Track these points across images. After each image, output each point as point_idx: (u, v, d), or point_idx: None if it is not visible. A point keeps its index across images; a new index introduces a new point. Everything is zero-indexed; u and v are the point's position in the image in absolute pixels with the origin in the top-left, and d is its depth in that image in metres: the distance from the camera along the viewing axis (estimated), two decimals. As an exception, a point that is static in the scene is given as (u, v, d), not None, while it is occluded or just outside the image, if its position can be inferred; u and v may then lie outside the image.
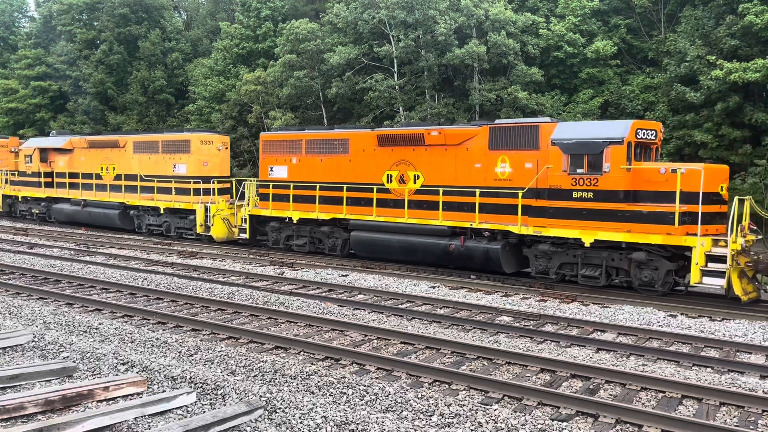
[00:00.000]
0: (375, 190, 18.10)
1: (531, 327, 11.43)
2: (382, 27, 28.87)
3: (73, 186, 27.48)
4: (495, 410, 7.08)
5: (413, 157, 17.65)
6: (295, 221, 19.81)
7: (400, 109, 28.94)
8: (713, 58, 23.53)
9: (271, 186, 20.47)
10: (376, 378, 8.51)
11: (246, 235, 21.31)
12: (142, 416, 6.46)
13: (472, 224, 16.23)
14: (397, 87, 28.74)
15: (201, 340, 10.10)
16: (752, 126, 23.69)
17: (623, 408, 7.32)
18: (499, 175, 16.03)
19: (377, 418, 6.63)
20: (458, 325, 11.64)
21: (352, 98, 30.63)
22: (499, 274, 16.26)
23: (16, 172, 30.62)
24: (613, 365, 9.01)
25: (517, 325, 11.58)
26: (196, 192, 22.50)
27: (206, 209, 22.19)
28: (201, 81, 37.43)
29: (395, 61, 28.99)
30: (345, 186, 18.70)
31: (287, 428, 6.33)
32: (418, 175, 17.54)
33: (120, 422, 6.27)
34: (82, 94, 43.32)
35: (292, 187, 19.86)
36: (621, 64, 28.90)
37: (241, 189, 21.77)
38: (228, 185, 23.73)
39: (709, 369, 9.23)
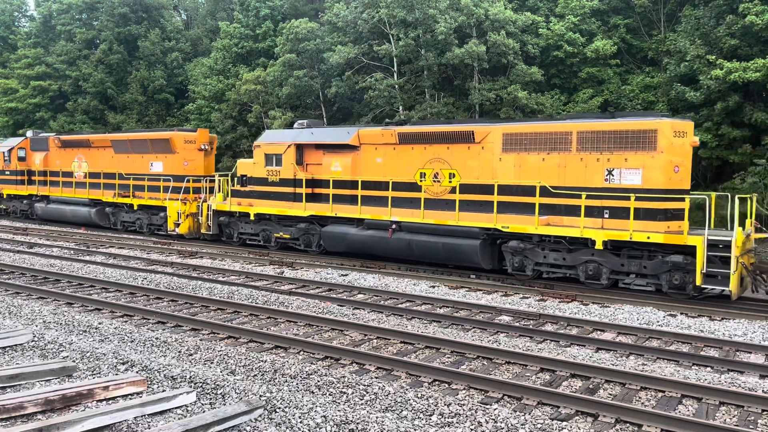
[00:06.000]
0: None
1: (531, 326, 11.43)
2: (381, 26, 28.86)
3: (370, 201, 18.12)
4: (495, 410, 7.08)
5: None
6: None
7: (400, 108, 28.94)
8: (713, 57, 23.52)
9: None
10: (376, 377, 8.51)
11: None
12: (141, 416, 6.46)
13: None
14: (396, 86, 28.73)
15: (201, 340, 10.11)
16: (752, 125, 23.67)
17: (623, 407, 7.32)
18: None
19: (377, 417, 6.63)
20: (458, 324, 11.64)
21: (351, 97, 30.62)
22: None
23: (240, 179, 21.18)
24: (612, 365, 9.01)
25: (517, 324, 11.58)
26: (670, 215, 14.06)
27: (714, 247, 13.21)
28: (201, 80, 37.42)
29: (395, 60, 28.97)
30: None
31: (287, 428, 6.33)
32: None
33: (120, 422, 6.27)
34: (82, 93, 43.30)
35: None
36: (621, 63, 28.87)
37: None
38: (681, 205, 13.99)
39: (708, 368, 9.24)
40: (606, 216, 14.63)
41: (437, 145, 17.25)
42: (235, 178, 21.54)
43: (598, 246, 14.36)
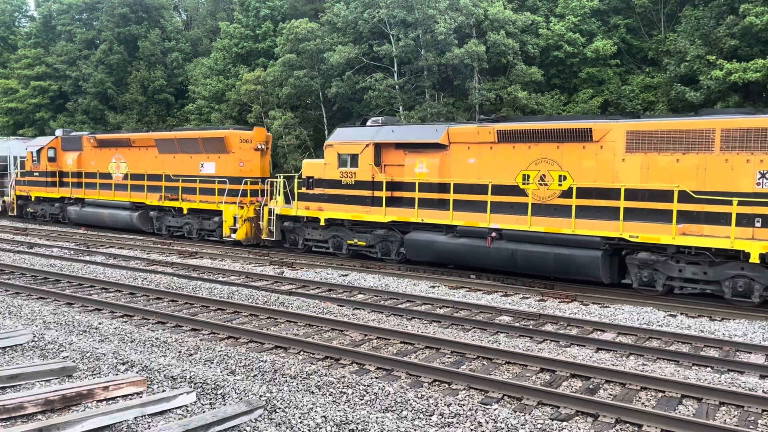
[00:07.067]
0: None
1: (531, 327, 11.43)
2: (381, 26, 28.87)
3: (462, 205, 16.39)
4: (495, 410, 7.08)
5: None
6: None
7: (400, 108, 28.94)
8: (713, 57, 23.53)
9: None
10: (376, 378, 8.51)
11: None
12: (142, 416, 6.46)
13: None
14: (396, 86, 28.74)
15: (201, 340, 10.11)
16: (752, 126, 23.69)
17: (623, 408, 7.32)
18: None
19: (377, 417, 6.63)
20: (458, 324, 11.64)
21: (351, 98, 30.62)
22: None
23: (306, 181, 19.58)
24: (612, 365, 9.01)
25: (517, 324, 11.58)
26: None
27: None
28: (201, 80, 37.43)
29: (395, 60, 28.98)
30: None
31: (287, 428, 6.33)
32: None
33: (120, 422, 6.27)
34: (82, 94, 43.33)
35: None
36: (621, 63, 28.89)
37: None
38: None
39: (708, 369, 9.24)
40: (758, 225, 12.88)
41: (545, 143, 15.44)
42: (296, 180, 19.91)
43: (753, 259, 12.55)
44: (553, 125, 15.40)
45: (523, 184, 15.76)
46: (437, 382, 8.40)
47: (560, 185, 15.23)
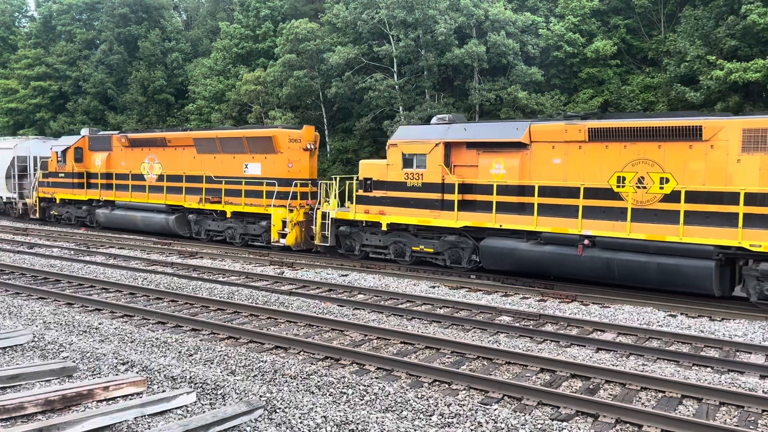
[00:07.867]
0: None
1: (531, 327, 11.44)
2: (381, 27, 28.86)
3: (547, 210, 15.22)
4: (495, 410, 7.08)
5: None
6: None
7: (400, 108, 28.93)
8: (713, 58, 23.54)
9: None
10: (376, 378, 8.51)
11: None
12: (142, 416, 6.46)
13: None
14: (396, 87, 28.73)
15: (201, 340, 10.11)
16: (752, 126, 23.67)
17: (623, 408, 7.32)
18: None
19: (377, 417, 6.63)
20: (458, 324, 11.64)
21: (351, 98, 30.61)
22: None
23: (364, 183, 18.29)
24: (612, 365, 9.01)
25: (517, 324, 11.59)
26: None
27: None
28: (201, 81, 37.44)
29: (395, 60, 28.98)
30: None
31: (287, 428, 6.33)
32: None
33: (120, 422, 6.27)
34: (82, 94, 43.33)
35: None
36: (621, 64, 28.88)
37: None
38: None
39: (708, 369, 9.24)
40: None
41: (644, 142, 14.10)
42: (354, 182, 18.67)
43: None
44: (655, 122, 13.99)
45: (618, 186, 14.43)
46: (437, 382, 8.40)
47: (662, 188, 13.92)
